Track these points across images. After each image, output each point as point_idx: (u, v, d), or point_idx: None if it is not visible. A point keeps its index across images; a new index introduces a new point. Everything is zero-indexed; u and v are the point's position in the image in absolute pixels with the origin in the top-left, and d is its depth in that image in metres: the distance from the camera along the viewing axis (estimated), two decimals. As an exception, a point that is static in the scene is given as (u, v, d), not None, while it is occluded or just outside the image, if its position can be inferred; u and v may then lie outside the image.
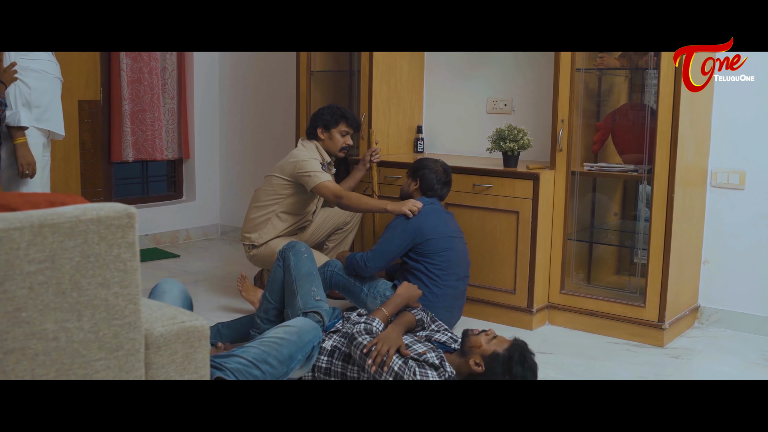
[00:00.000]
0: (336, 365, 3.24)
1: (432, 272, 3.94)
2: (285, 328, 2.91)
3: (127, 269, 1.76)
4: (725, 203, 4.32)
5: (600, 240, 4.68)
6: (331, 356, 3.26)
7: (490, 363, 2.98)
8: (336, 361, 3.24)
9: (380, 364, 3.00)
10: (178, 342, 1.93)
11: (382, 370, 2.99)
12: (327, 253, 4.74)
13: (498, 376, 2.95)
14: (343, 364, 3.23)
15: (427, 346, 3.14)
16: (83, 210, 1.70)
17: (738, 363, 3.85)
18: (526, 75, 4.87)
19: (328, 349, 3.28)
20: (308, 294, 3.50)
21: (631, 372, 3.68)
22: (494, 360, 2.97)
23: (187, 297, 3.25)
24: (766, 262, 4.23)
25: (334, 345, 3.28)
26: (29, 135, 4.10)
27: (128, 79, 5.99)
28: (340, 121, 4.54)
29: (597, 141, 4.45)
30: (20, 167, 4.06)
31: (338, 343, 3.28)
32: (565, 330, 4.30)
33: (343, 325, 3.40)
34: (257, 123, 6.50)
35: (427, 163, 4.16)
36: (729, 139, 4.27)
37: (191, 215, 6.65)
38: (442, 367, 3.01)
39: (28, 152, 4.07)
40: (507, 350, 2.98)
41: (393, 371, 2.98)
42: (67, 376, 1.70)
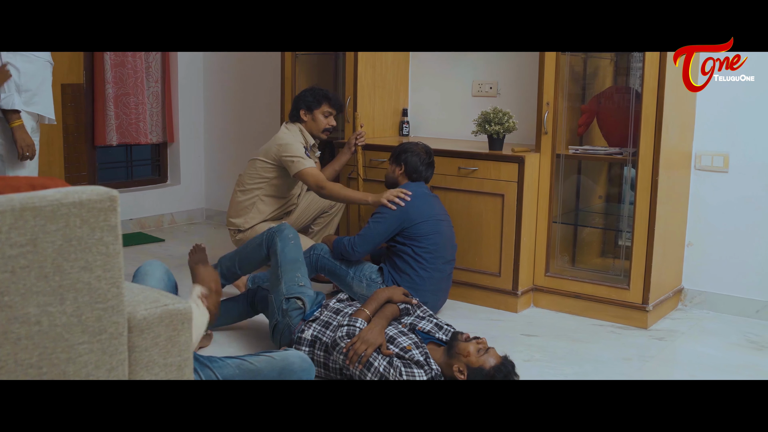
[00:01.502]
0: (318, 355, 3.24)
1: (419, 255, 3.94)
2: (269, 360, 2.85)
3: (110, 252, 1.76)
4: (709, 186, 4.34)
5: (585, 223, 4.70)
6: (312, 347, 3.26)
7: (473, 375, 2.94)
8: (318, 351, 3.24)
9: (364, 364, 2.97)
10: (161, 325, 1.92)
11: (367, 371, 2.97)
12: (313, 236, 4.74)
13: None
14: (325, 354, 3.22)
15: (411, 339, 3.10)
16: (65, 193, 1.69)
17: (720, 344, 3.88)
18: (512, 58, 4.87)
19: (309, 339, 3.27)
20: (292, 280, 3.51)
21: (616, 354, 3.70)
22: (478, 374, 2.93)
23: (172, 279, 3.24)
24: (749, 245, 4.26)
25: (314, 335, 3.27)
26: None
27: (111, 62, 5.94)
28: (323, 102, 4.52)
29: (582, 124, 4.46)
30: (19, 150, 4.05)
31: (318, 332, 3.26)
32: (550, 312, 4.32)
33: (322, 313, 3.37)
34: (242, 106, 6.47)
35: (409, 146, 4.15)
36: (713, 122, 4.28)
37: (176, 199, 6.63)
38: (428, 365, 2.99)
39: (26, 134, 4.06)
40: (493, 369, 2.92)
41: (378, 372, 2.95)
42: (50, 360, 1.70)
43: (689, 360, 3.71)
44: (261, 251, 3.74)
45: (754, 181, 4.21)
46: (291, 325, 3.37)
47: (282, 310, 3.42)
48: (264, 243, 3.73)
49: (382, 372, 2.95)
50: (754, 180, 4.20)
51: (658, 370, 3.56)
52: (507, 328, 4.01)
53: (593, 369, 3.53)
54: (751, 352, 3.78)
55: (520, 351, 3.68)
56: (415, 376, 2.93)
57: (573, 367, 3.55)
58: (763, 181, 4.18)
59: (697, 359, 3.70)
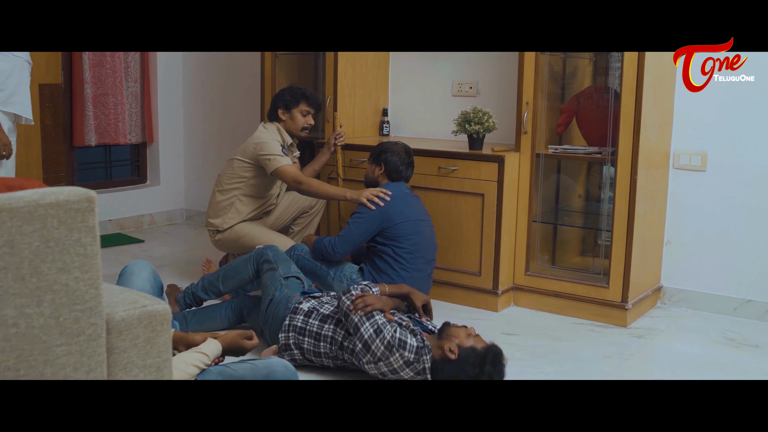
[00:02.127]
0: (312, 324, 3.33)
1: (400, 255, 3.94)
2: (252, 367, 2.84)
3: (88, 254, 1.74)
4: (687, 185, 4.37)
5: (564, 222, 4.72)
6: (308, 316, 3.36)
7: (463, 354, 2.98)
8: (313, 321, 3.34)
9: (367, 314, 3.11)
10: (140, 326, 1.91)
11: (366, 320, 3.09)
12: (293, 236, 4.73)
13: (468, 368, 2.94)
14: (319, 323, 3.32)
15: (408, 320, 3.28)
16: (42, 194, 1.68)
17: (699, 342, 3.91)
18: (492, 58, 4.88)
19: (305, 310, 3.39)
20: (288, 268, 3.67)
21: (596, 352, 3.72)
22: (469, 353, 2.98)
23: (158, 279, 3.24)
24: (727, 243, 4.29)
25: (311, 307, 3.39)
26: None
27: (90, 62, 5.91)
28: (301, 101, 4.52)
29: (561, 123, 4.47)
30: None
31: (316, 305, 3.40)
32: (530, 311, 4.34)
33: (322, 296, 3.53)
34: (222, 106, 6.45)
35: (388, 146, 4.15)
36: (691, 121, 4.31)
37: (155, 200, 6.60)
38: (420, 337, 3.10)
39: (2, 134, 4.03)
40: (483, 349, 2.98)
41: (376, 325, 3.07)
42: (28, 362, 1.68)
43: (668, 358, 3.74)
44: (248, 267, 3.78)
45: (731, 180, 4.24)
46: (289, 296, 3.47)
47: (280, 284, 3.54)
48: (253, 258, 3.78)
49: (380, 325, 3.08)
50: (732, 179, 4.24)
51: (638, 368, 3.58)
52: (487, 327, 4.02)
53: (573, 367, 3.54)
54: (729, 350, 3.81)
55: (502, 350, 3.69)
56: (407, 338, 3.05)
57: (553, 365, 3.57)
58: (740, 179, 4.22)
59: (676, 357, 3.72)
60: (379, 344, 3.04)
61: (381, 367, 3.07)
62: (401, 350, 3.03)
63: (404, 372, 3.06)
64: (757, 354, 3.75)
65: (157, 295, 3.26)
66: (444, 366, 3.00)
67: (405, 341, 3.04)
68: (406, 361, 3.03)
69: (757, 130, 4.15)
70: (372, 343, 3.06)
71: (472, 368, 2.94)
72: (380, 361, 3.05)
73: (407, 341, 3.05)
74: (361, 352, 3.10)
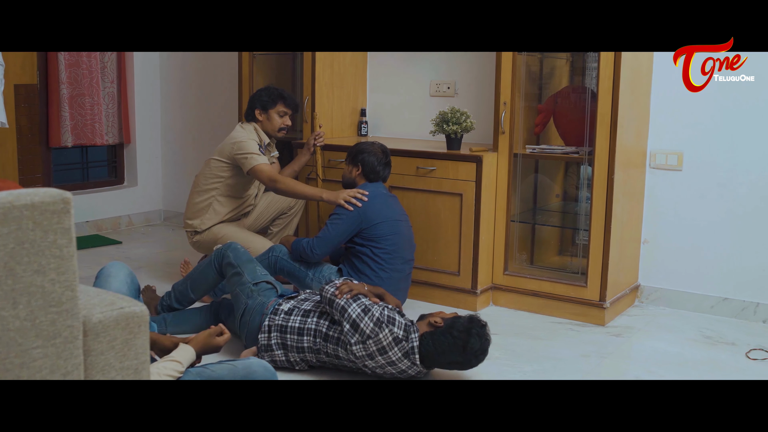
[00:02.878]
0: (294, 321, 3.33)
1: (378, 256, 3.94)
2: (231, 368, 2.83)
3: (64, 255, 1.73)
4: (664, 184, 4.40)
5: (542, 221, 4.74)
6: (289, 314, 3.36)
7: (449, 321, 3.15)
8: (294, 317, 3.34)
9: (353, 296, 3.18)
10: (117, 328, 1.90)
11: (353, 302, 3.14)
12: (271, 237, 4.72)
13: (456, 332, 3.08)
14: (302, 318, 3.33)
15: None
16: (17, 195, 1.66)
17: (676, 340, 3.94)
18: (470, 58, 4.89)
19: (285, 310, 3.38)
20: (253, 271, 3.61)
21: (574, 351, 3.74)
22: (454, 320, 3.14)
23: (135, 281, 3.23)
24: (704, 242, 4.32)
25: (292, 306, 3.40)
26: None
27: (66, 62, 5.86)
28: (278, 101, 4.51)
29: (539, 123, 4.49)
30: None
31: (297, 304, 3.41)
32: (508, 311, 4.35)
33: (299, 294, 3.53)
34: (199, 107, 6.43)
35: (365, 146, 4.15)
36: (667, 121, 4.34)
37: (133, 201, 6.56)
38: (405, 318, 3.19)
39: None
40: (468, 319, 3.14)
41: (363, 305, 3.13)
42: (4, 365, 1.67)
43: (646, 356, 3.76)
44: (211, 270, 3.76)
45: (707, 179, 4.28)
46: (264, 302, 3.43)
47: (251, 291, 3.50)
48: (214, 260, 3.74)
49: (367, 305, 3.14)
50: (707, 178, 4.27)
51: (616, 367, 3.60)
52: (466, 327, 4.03)
53: (552, 366, 3.56)
54: (706, 347, 3.84)
55: (480, 349, 3.70)
56: (395, 316, 3.14)
57: (532, 364, 3.58)
58: (715, 178, 4.25)
59: (653, 355, 3.75)
60: (368, 321, 3.10)
61: (370, 346, 3.09)
62: (390, 326, 3.09)
63: (392, 352, 3.08)
64: (734, 351, 3.79)
65: (135, 297, 3.25)
66: (432, 337, 3.11)
67: (394, 318, 3.13)
68: (395, 337, 3.07)
69: (732, 129, 4.18)
70: (360, 321, 3.10)
71: (460, 333, 3.08)
72: (369, 339, 3.08)
73: (396, 318, 3.13)
74: (349, 332, 3.13)
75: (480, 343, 3.09)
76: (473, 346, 3.08)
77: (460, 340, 3.07)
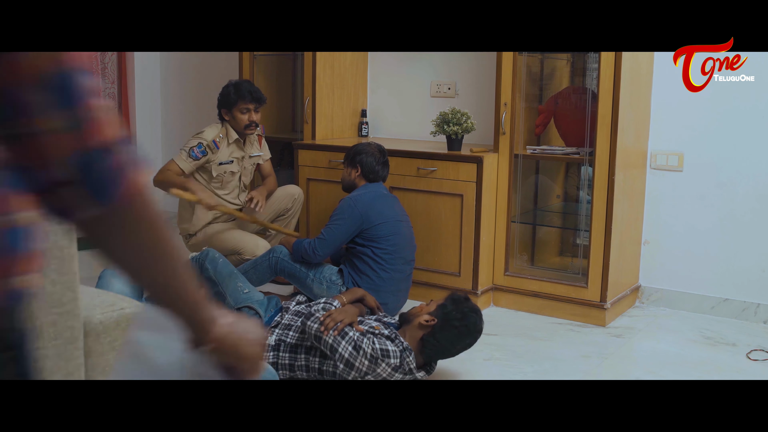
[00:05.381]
0: (283, 357, 3.20)
1: (379, 256, 3.94)
2: None
3: (65, 256, 1.73)
4: (664, 185, 4.40)
5: (543, 222, 4.74)
6: (277, 350, 3.21)
7: (441, 315, 3.13)
8: (283, 354, 3.20)
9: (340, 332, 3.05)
10: (117, 329, 1.90)
11: (342, 339, 3.02)
12: (270, 239, 4.71)
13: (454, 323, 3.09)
14: (291, 355, 3.20)
15: (378, 322, 3.27)
16: (18, 196, 1.66)
17: (677, 341, 3.94)
18: (470, 59, 4.89)
19: (272, 345, 3.22)
20: (236, 290, 3.53)
21: (575, 351, 3.74)
22: (445, 312, 3.13)
23: None
24: (704, 242, 4.32)
25: (278, 339, 3.23)
26: None
27: (66, 63, 5.85)
28: (238, 100, 4.50)
29: (539, 124, 4.49)
30: None
31: (282, 335, 3.24)
32: (509, 311, 4.35)
33: (283, 317, 3.36)
34: (200, 108, 6.42)
35: (362, 147, 4.14)
36: (667, 121, 4.34)
37: (134, 202, 6.54)
38: (397, 340, 3.10)
39: None
40: (453, 304, 3.15)
41: (353, 341, 3.02)
42: (4, 366, 1.67)
43: (647, 356, 3.76)
44: None
45: (707, 180, 4.27)
46: None
47: None
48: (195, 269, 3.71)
49: (356, 340, 3.02)
50: (708, 178, 4.27)
51: (617, 367, 3.60)
52: (467, 328, 4.03)
53: (553, 367, 3.56)
54: (706, 348, 3.84)
55: (480, 350, 3.69)
56: (387, 346, 3.05)
57: (533, 365, 3.58)
58: (716, 179, 4.25)
59: (654, 356, 3.75)
60: (363, 359, 3.00)
61: (369, 380, 3.05)
62: (386, 359, 3.02)
63: (392, 377, 3.06)
64: (734, 352, 3.79)
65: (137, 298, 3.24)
66: (434, 337, 3.11)
67: (386, 349, 3.03)
68: (393, 367, 3.03)
69: (732, 129, 4.18)
70: (355, 360, 3.00)
71: (459, 321, 3.10)
72: (367, 375, 3.03)
73: (388, 348, 3.04)
74: (344, 371, 3.02)
75: (478, 316, 3.14)
76: (476, 323, 3.13)
77: (464, 326, 3.09)
